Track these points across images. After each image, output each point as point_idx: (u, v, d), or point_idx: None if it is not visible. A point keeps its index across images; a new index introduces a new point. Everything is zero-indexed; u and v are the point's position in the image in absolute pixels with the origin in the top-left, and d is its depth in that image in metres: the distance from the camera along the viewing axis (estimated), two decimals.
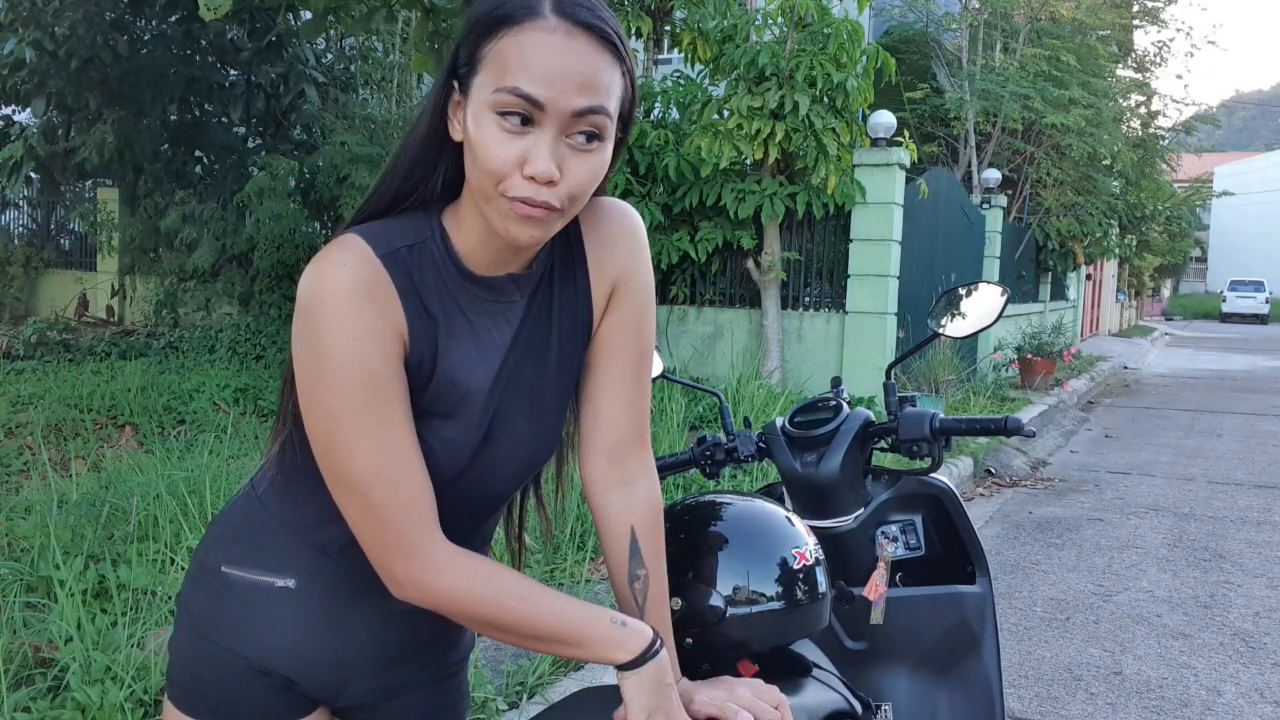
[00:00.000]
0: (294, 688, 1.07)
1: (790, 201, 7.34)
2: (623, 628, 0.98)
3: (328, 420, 0.93)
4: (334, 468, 0.95)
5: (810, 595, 1.19)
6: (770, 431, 1.62)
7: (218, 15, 5.23)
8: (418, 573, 0.96)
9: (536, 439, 1.06)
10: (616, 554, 1.09)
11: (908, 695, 1.56)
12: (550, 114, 0.88)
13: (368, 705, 1.13)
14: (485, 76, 0.90)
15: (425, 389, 0.98)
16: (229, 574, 1.06)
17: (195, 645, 1.07)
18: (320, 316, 0.91)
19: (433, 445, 0.99)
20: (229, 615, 1.06)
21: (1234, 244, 46.39)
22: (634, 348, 1.09)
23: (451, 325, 0.98)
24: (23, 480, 4.21)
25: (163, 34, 9.66)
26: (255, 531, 1.08)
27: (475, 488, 1.04)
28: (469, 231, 0.98)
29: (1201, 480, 6.66)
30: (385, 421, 0.93)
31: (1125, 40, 15.49)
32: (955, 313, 1.71)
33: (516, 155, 0.89)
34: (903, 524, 1.62)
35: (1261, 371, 15.57)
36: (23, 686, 2.38)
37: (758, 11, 7.61)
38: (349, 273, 0.92)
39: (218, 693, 1.06)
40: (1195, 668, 3.40)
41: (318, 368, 0.92)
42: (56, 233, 13.03)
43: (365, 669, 1.09)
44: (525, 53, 0.87)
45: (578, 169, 0.91)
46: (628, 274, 1.07)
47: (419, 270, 0.97)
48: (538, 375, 1.04)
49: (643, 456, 1.11)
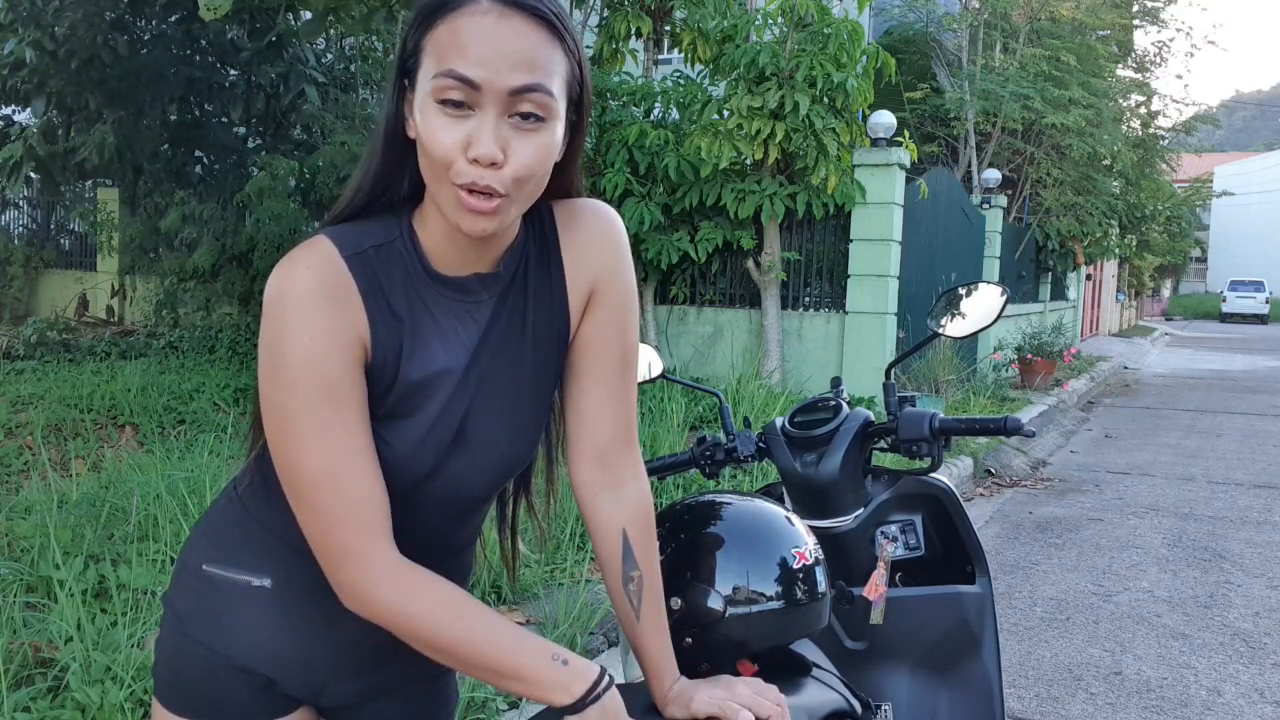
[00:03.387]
0: (274, 686, 1.07)
1: (790, 201, 7.33)
2: (563, 666, 0.94)
3: (279, 419, 0.94)
4: (283, 468, 0.96)
5: (810, 595, 1.18)
6: (770, 431, 1.63)
7: (217, 15, 5.23)
8: (357, 580, 0.94)
9: (512, 441, 1.05)
10: (609, 556, 1.09)
11: (908, 695, 1.56)
12: (488, 94, 0.88)
13: (351, 706, 1.13)
14: (426, 66, 0.90)
15: (390, 389, 0.97)
16: (209, 573, 1.07)
17: (178, 644, 1.08)
18: (279, 317, 0.92)
19: (397, 447, 0.99)
20: (210, 614, 1.06)
21: (1234, 244, 46.38)
22: (616, 349, 1.08)
23: (417, 324, 0.98)
24: (23, 480, 4.20)
25: (163, 34, 9.65)
26: (235, 531, 1.08)
27: (450, 490, 1.04)
28: (434, 230, 0.98)
29: (1201, 480, 6.66)
30: (335, 424, 0.93)
31: (1125, 40, 15.49)
32: (955, 313, 1.71)
33: (460, 140, 0.89)
34: (902, 524, 1.62)
35: (1262, 371, 15.56)
36: (22, 686, 2.38)
37: (758, 11, 7.61)
38: (310, 274, 0.93)
39: (201, 690, 1.06)
40: (1195, 668, 3.40)
41: (274, 367, 0.93)
42: (56, 233, 13.03)
43: (344, 670, 1.09)
44: (460, 37, 0.88)
45: (522, 150, 0.90)
46: (606, 276, 1.07)
47: (385, 270, 0.97)
48: (512, 377, 1.04)
49: (631, 457, 1.11)
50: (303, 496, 0.95)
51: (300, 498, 0.95)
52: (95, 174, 10.87)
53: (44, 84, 9.35)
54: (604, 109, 7.74)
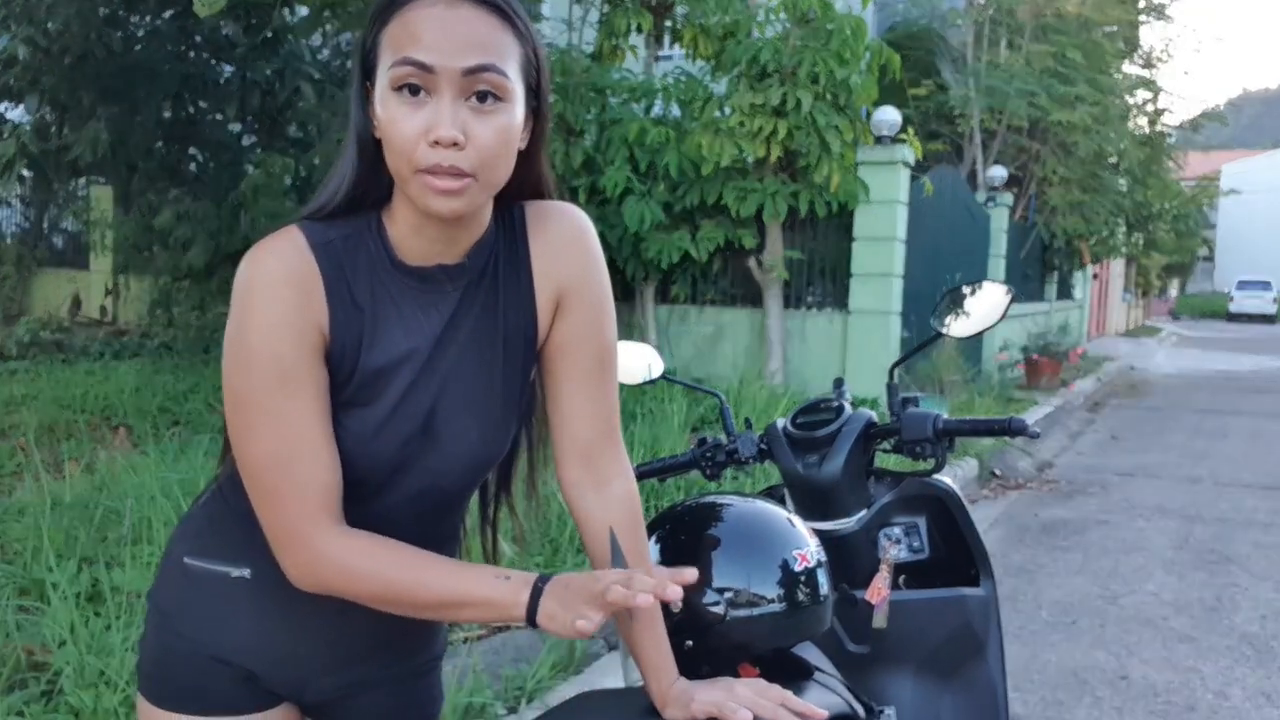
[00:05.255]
0: (256, 680, 1.09)
1: (793, 200, 7.30)
2: (506, 582, 0.96)
3: (234, 401, 0.98)
4: (237, 450, 1.00)
5: (812, 597, 1.19)
6: (772, 433, 1.63)
7: (212, 11, 5.20)
8: (303, 557, 0.98)
9: (484, 435, 1.07)
10: (599, 555, 1.11)
11: (911, 699, 1.56)
12: (442, 77, 0.92)
13: (333, 702, 1.15)
14: (383, 60, 0.95)
15: (351, 377, 1.01)
16: (190, 565, 1.10)
17: (161, 638, 1.11)
18: (243, 302, 0.97)
19: (358, 433, 1.01)
20: (190, 607, 1.09)
21: (1242, 243, 46.32)
22: (591, 349, 1.10)
23: (379, 313, 1.01)
24: (15, 482, 4.19)
25: (156, 30, 9.62)
26: (215, 523, 1.11)
27: (424, 484, 1.06)
28: (401, 223, 1.02)
29: (1208, 482, 6.62)
30: (287, 408, 0.96)
31: (1132, 37, 15.45)
32: (959, 312, 1.70)
33: (421, 125, 0.92)
34: (906, 526, 1.62)
35: (1269, 372, 15.52)
36: (16, 690, 2.37)
37: (760, 7, 7.58)
38: (276, 261, 0.97)
39: (183, 683, 1.09)
40: (1202, 671, 3.36)
41: (234, 351, 0.98)
42: (49, 231, 12.98)
43: (326, 663, 1.11)
44: (411, 26, 0.93)
45: (482, 131, 0.93)
46: (576, 280, 1.09)
47: (350, 260, 1.00)
48: (482, 371, 1.06)
49: (614, 455, 1.13)
50: (253, 478, 0.99)
51: (251, 480, 0.99)
52: (88, 171, 10.82)
53: (36, 81, 9.33)
54: (604, 106, 7.72)
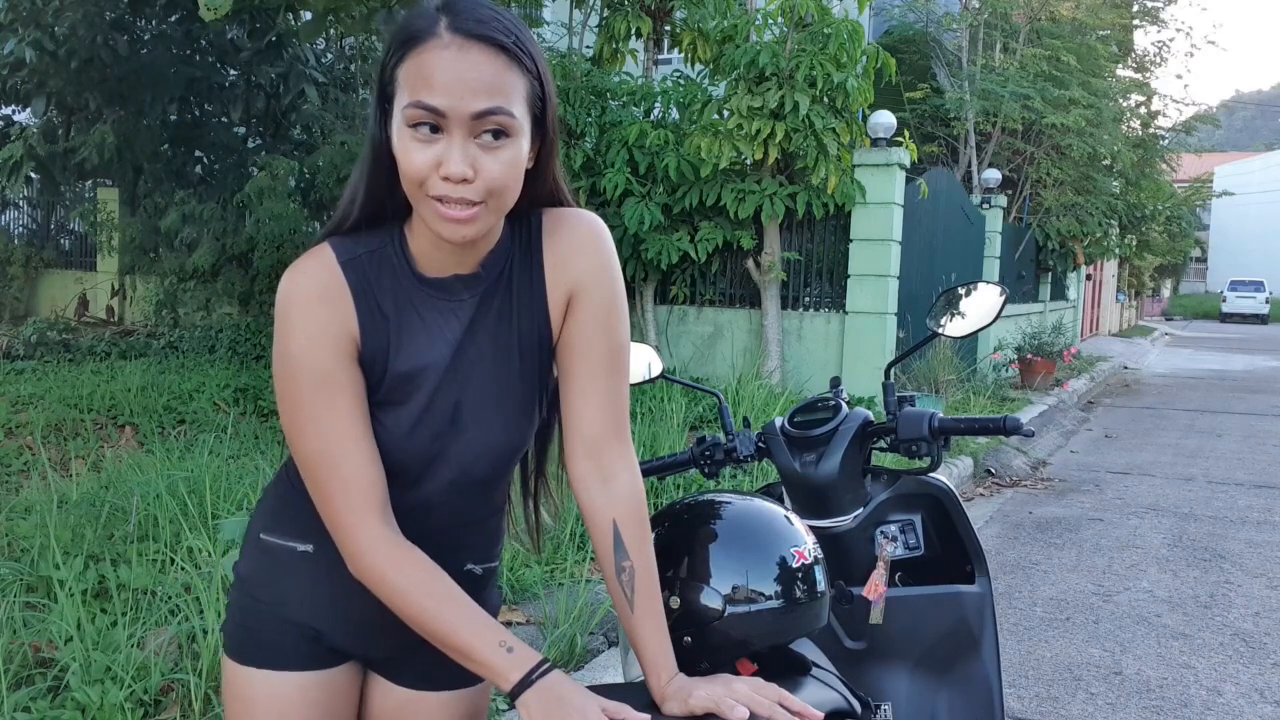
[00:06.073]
0: (322, 638, 1.19)
1: (790, 201, 7.33)
2: (508, 654, 1.03)
3: (285, 406, 1.09)
4: (292, 449, 1.11)
5: (809, 594, 1.19)
6: (769, 431, 1.63)
7: (218, 15, 5.23)
8: (350, 549, 1.08)
9: (508, 428, 1.16)
10: (603, 548, 1.14)
11: (907, 695, 1.56)
12: (453, 120, 0.99)
13: (396, 658, 1.24)
14: (400, 96, 1.02)
15: (382, 380, 1.11)
16: (265, 540, 1.21)
17: (241, 601, 1.22)
18: (283, 316, 1.07)
19: (393, 430, 1.11)
20: (267, 575, 1.21)
21: (1234, 244, 46.35)
22: (602, 348, 1.16)
23: (404, 321, 1.11)
24: (23, 480, 4.21)
25: (163, 34, 9.64)
26: (284, 502, 1.21)
27: (457, 471, 1.15)
28: (420, 238, 1.11)
29: (1201, 480, 6.66)
30: (329, 410, 1.07)
31: (1125, 40, 15.47)
32: (954, 312, 1.72)
33: (431, 160, 1.00)
34: (902, 524, 1.63)
35: (1262, 371, 15.56)
36: (23, 686, 2.38)
37: (758, 11, 7.61)
38: (308, 278, 1.08)
39: (263, 641, 1.19)
40: (1195, 668, 3.40)
41: (279, 362, 1.08)
42: (56, 233, 13.01)
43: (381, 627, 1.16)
44: (425, 69, 0.99)
45: (491, 165, 1.01)
46: (587, 282, 1.15)
47: (376, 273, 1.10)
48: (502, 371, 1.15)
49: (621, 450, 1.17)
50: (306, 474, 1.10)
51: (305, 475, 1.10)
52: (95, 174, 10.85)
53: (44, 84, 9.35)
54: (604, 109, 7.75)
